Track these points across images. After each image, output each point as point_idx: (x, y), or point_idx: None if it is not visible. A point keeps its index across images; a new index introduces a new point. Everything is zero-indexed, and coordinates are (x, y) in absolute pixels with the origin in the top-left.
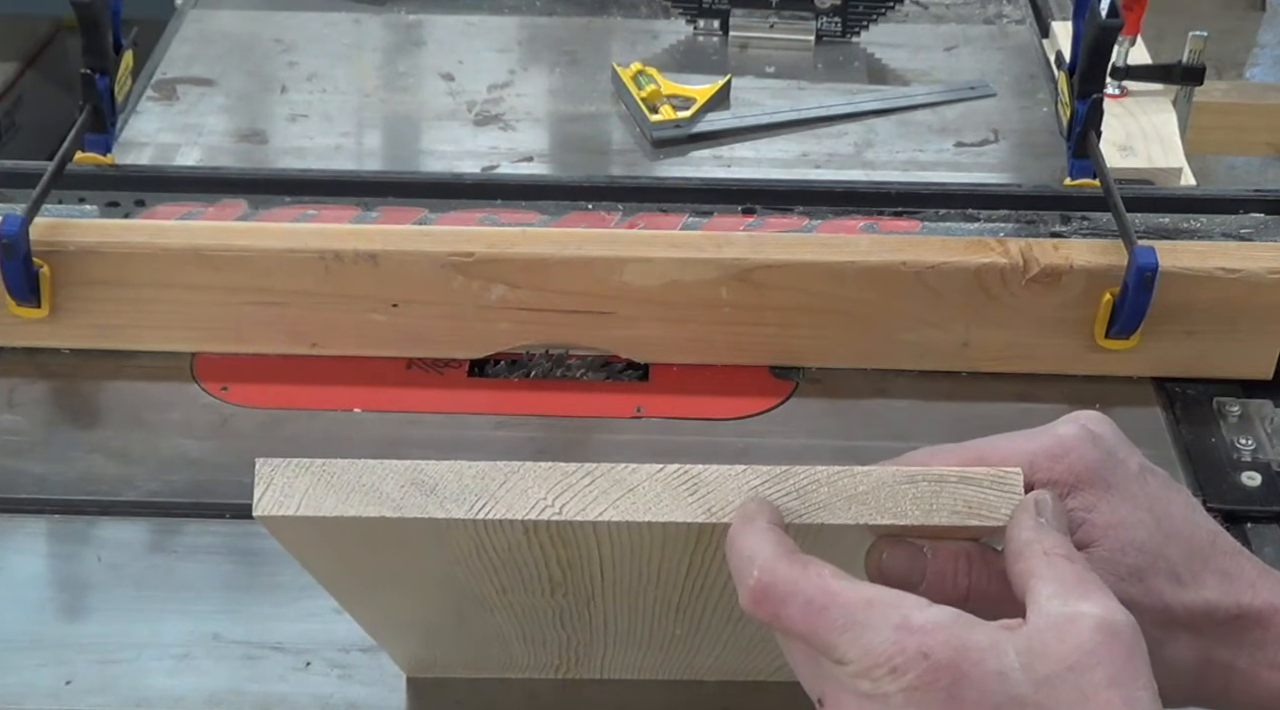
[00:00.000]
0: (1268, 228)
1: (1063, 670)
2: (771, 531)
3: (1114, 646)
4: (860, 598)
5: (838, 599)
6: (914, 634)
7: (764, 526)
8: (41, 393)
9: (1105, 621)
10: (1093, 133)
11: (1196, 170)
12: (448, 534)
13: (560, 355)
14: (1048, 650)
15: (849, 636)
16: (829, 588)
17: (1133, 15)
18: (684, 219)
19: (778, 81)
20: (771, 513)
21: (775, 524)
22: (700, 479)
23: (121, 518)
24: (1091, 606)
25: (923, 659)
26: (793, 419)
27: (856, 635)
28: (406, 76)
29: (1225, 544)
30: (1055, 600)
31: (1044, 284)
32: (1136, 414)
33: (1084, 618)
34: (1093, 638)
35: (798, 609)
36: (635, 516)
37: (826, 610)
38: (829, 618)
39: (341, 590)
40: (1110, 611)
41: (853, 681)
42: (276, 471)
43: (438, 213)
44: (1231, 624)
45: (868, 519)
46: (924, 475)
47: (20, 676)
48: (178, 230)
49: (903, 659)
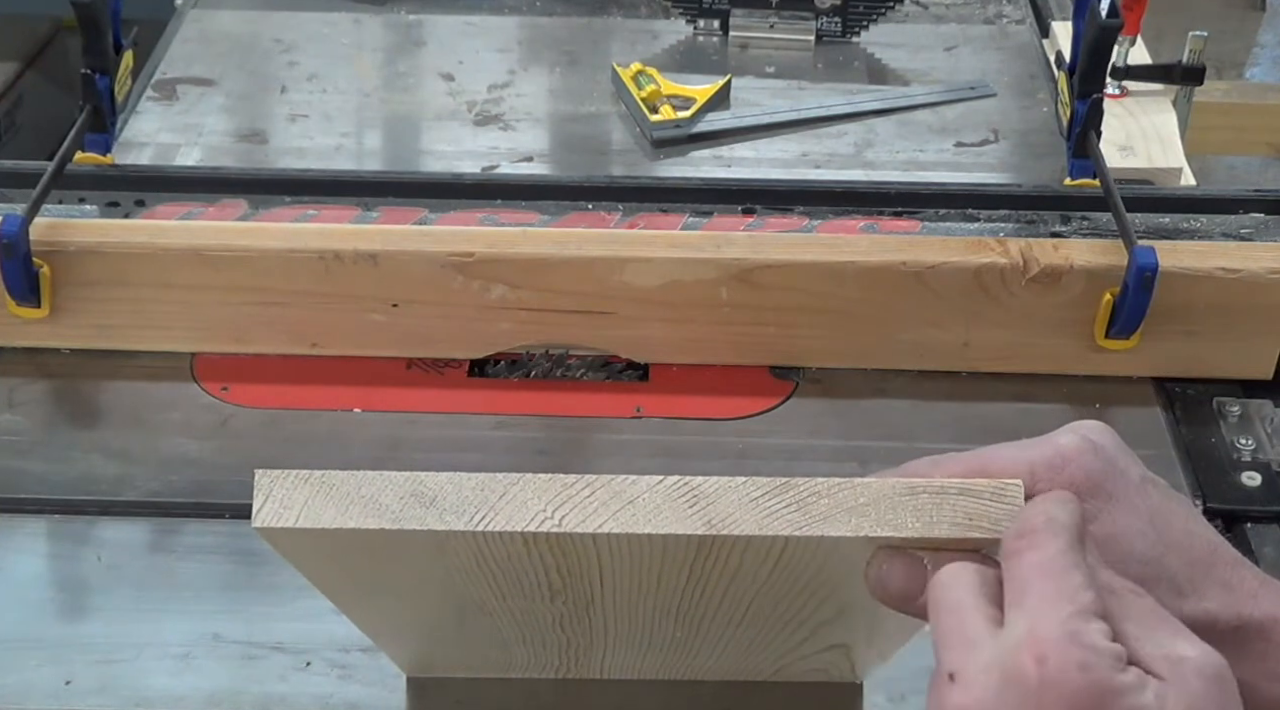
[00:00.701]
0: (1268, 228)
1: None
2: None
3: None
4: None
5: None
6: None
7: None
8: (41, 393)
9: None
10: (1093, 133)
11: (1196, 170)
12: (447, 544)
13: (560, 355)
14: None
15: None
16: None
17: (1133, 15)
18: (684, 219)
19: (778, 81)
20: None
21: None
22: (700, 491)
23: (121, 518)
24: (1190, 649)
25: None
26: (793, 419)
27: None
28: (406, 76)
29: (1226, 554)
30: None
31: (1044, 284)
32: (1136, 414)
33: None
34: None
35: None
36: (635, 528)
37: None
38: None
39: (340, 596)
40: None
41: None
42: (275, 483)
43: (438, 213)
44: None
45: (868, 531)
46: (924, 487)
47: (20, 676)
48: (178, 230)
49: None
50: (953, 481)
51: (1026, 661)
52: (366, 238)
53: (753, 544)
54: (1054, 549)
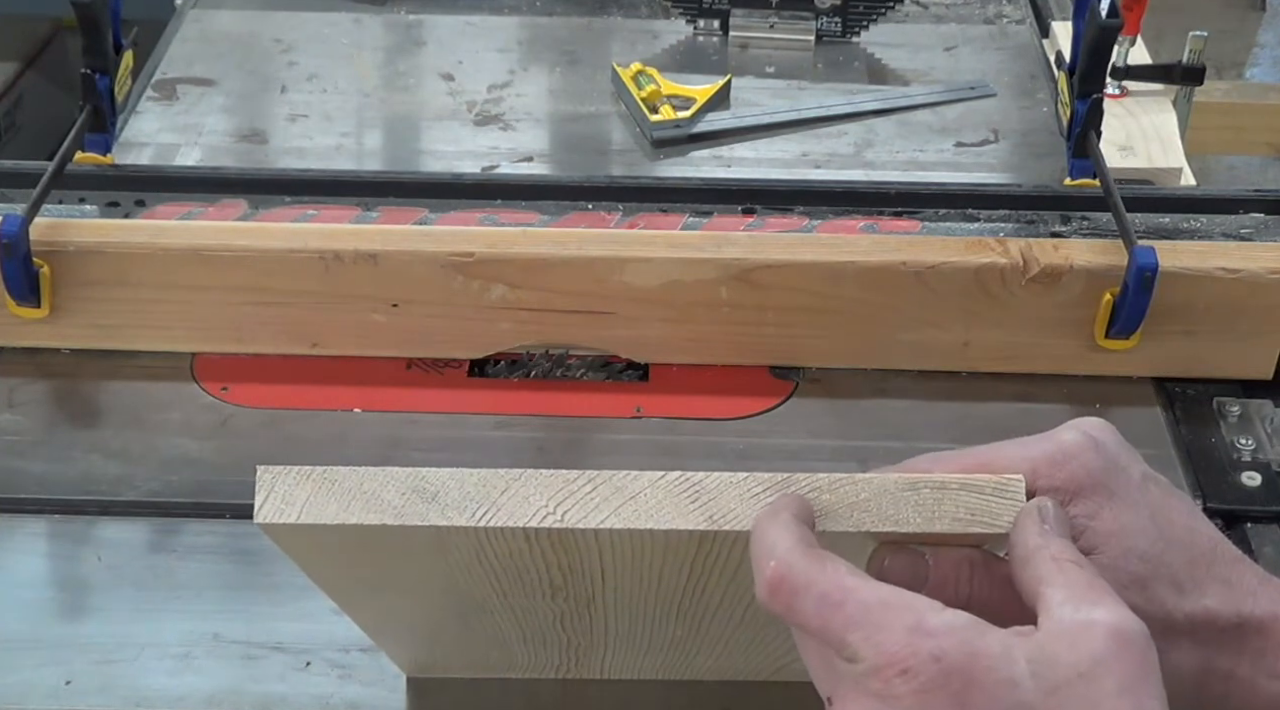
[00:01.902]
0: (1268, 228)
1: (1073, 678)
2: (794, 525)
3: (1126, 655)
4: (876, 597)
5: (853, 596)
6: (928, 637)
7: (787, 518)
8: (41, 393)
9: (1118, 629)
10: (1093, 133)
11: (1196, 170)
12: (449, 541)
13: (560, 355)
14: (1059, 658)
15: (862, 634)
16: (844, 584)
17: (1133, 15)
18: (684, 219)
19: (778, 81)
20: (799, 506)
21: (801, 519)
22: (702, 486)
23: (121, 518)
24: (1104, 614)
25: (934, 662)
26: (793, 419)
27: (869, 634)
28: (406, 76)
29: (1226, 551)
30: (1067, 606)
31: (1044, 284)
32: (1136, 414)
33: (1096, 625)
34: (1105, 645)
35: (812, 602)
36: (637, 524)
37: (842, 606)
38: (844, 614)
39: (342, 594)
40: (1123, 619)
41: (863, 681)
42: (278, 479)
43: (438, 213)
44: (1232, 632)
45: (870, 526)
46: (926, 482)
47: (20, 676)
48: (178, 230)
49: (915, 661)
50: (954, 477)
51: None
52: (366, 238)
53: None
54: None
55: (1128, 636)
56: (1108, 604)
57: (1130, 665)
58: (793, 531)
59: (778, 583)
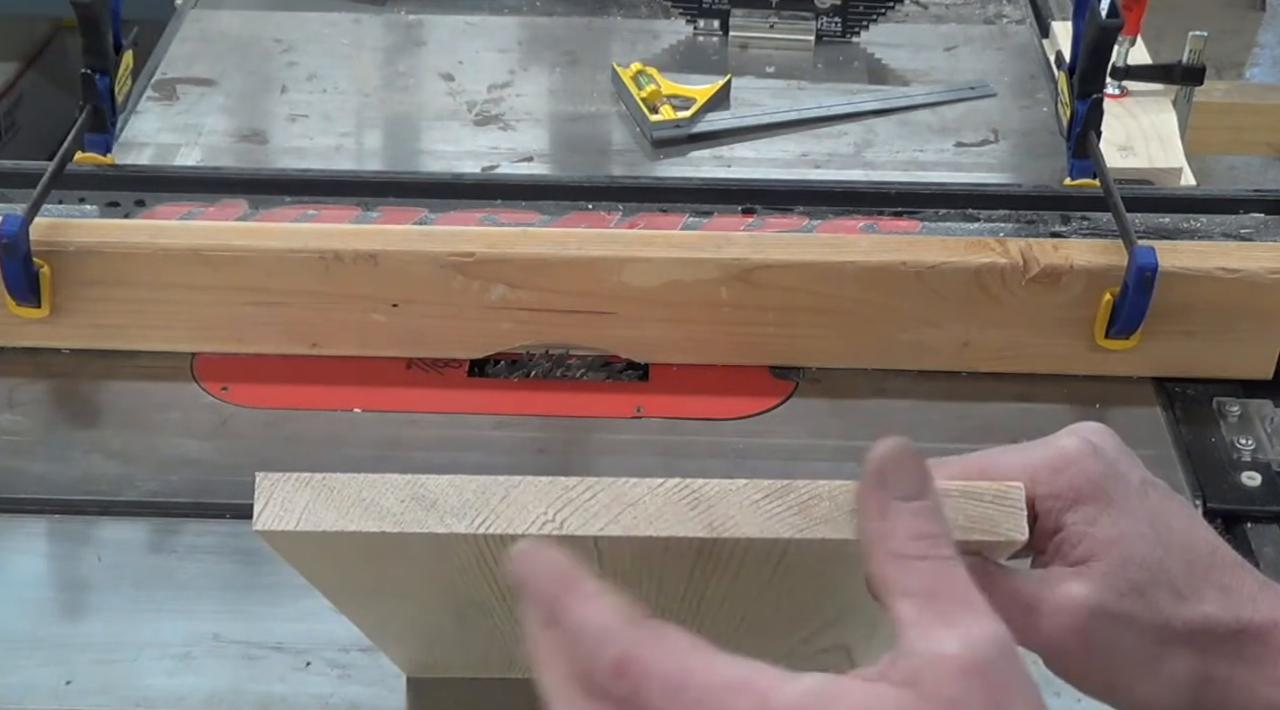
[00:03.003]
0: (1268, 228)
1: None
2: (606, 598)
3: (982, 688)
4: (718, 678)
5: (694, 678)
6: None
7: (594, 591)
8: (41, 393)
9: (965, 663)
10: (1093, 133)
11: (1196, 170)
12: (448, 547)
13: (560, 355)
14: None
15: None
16: (686, 665)
17: (1133, 15)
18: (684, 219)
19: (778, 81)
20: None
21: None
22: (701, 493)
23: (121, 518)
24: (953, 643)
25: None
26: (793, 419)
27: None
28: (406, 76)
29: (1226, 557)
30: (914, 631)
31: (1044, 284)
32: (1136, 414)
33: (946, 662)
34: (958, 687)
35: (657, 686)
36: (636, 531)
37: (684, 689)
38: (686, 698)
39: (341, 598)
40: (970, 644)
41: None
42: (276, 486)
43: (438, 213)
44: (1231, 639)
45: None
46: None
47: (20, 676)
48: (178, 230)
49: None
50: (953, 484)
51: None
52: (366, 238)
53: (754, 546)
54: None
55: (978, 666)
56: (957, 621)
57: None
58: (612, 606)
59: (625, 667)
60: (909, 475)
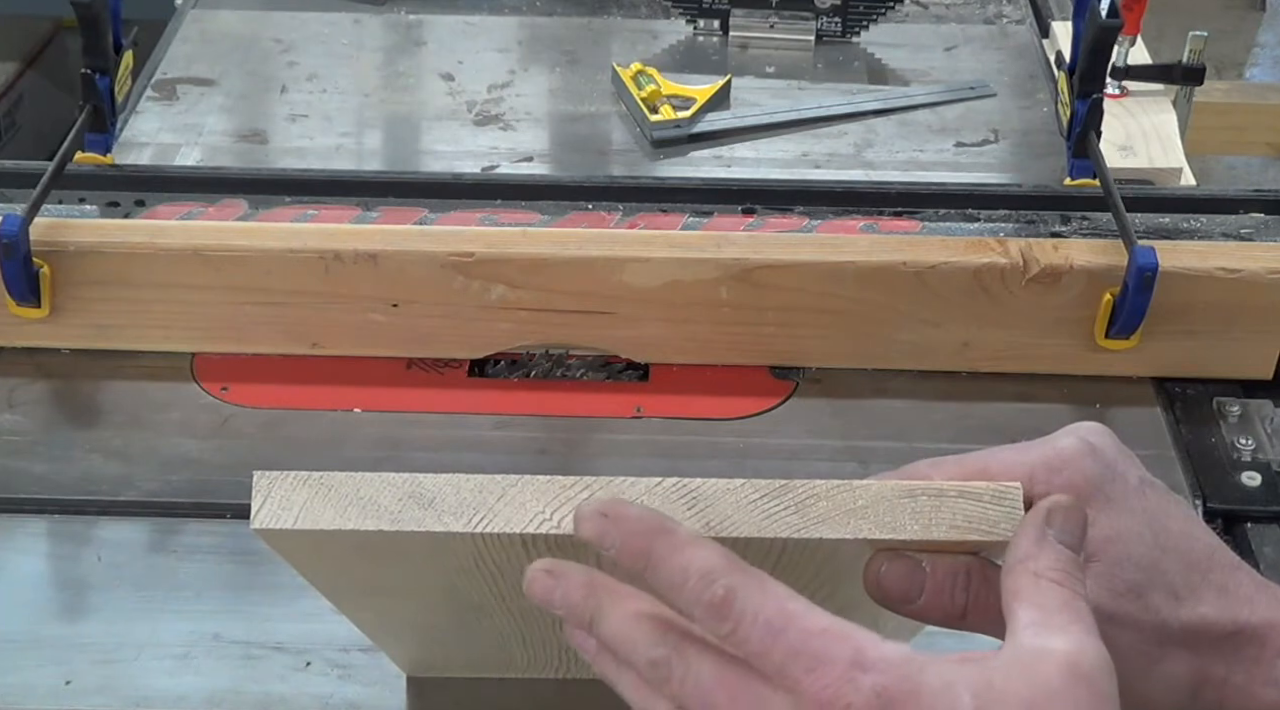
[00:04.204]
0: (1268, 228)
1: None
2: (706, 543)
3: (1077, 689)
4: (816, 625)
5: (794, 622)
6: (868, 671)
7: (691, 537)
8: (41, 393)
9: (1072, 661)
10: (1093, 133)
11: (1196, 170)
12: (446, 546)
13: (560, 355)
14: (1008, 690)
15: (802, 664)
16: (786, 609)
17: (1133, 15)
18: (684, 219)
19: (778, 81)
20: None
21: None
22: (699, 493)
23: (121, 518)
24: (1063, 642)
25: (875, 697)
26: (793, 419)
27: (810, 664)
28: (406, 76)
29: (1223, 558)
30: (1029, 630)
31: (1044, 284)
32: (1136, 414)
33: (1052, 655)
34: (1058, 679)
35: (758, 627)
36: None
37: (784, 632)
38: (786, 640)
39: (339, 597)
40: (1081, 650)
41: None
42: (274, 484)
43: (438, 213)
44: (1228, 641)
45: (867, 533)
46: (923, 489)
47: (20, 676)
48: (178, 230)
49: (857, 696)
50: (952, 484)
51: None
52: (366, 238)
53: (751, 546)
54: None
55: (1082, 670)
56: (1072, 631)
57: (1080, 701)
58: (719, 549)
59: (727, 606)
60: (1073, 527)
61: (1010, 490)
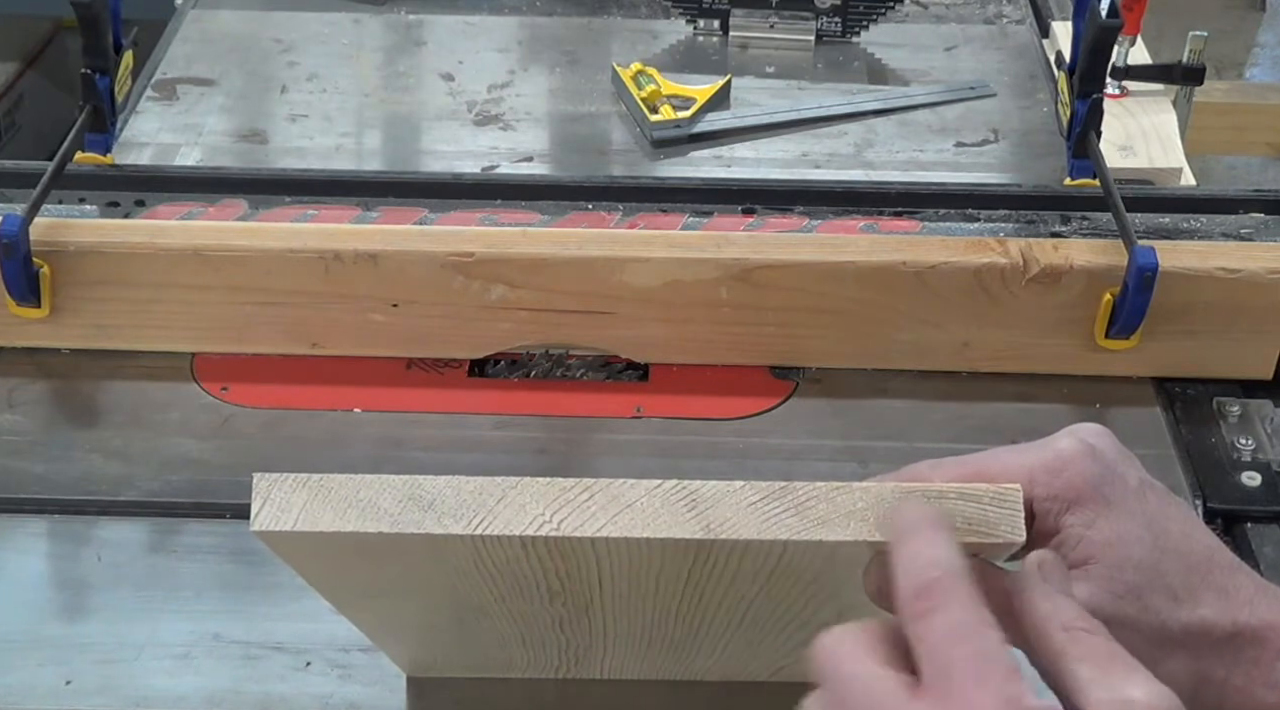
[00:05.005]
0: (1268, 228)
1: None
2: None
3: None
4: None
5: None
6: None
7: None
8: (41, 393)
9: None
10: (1093, 133)
11: (1196, 170)
12: (445, 548)
13: (560, 355)
14: None
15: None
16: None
17: (1133, 15)
18: (684, 219)
19: (778, 81)
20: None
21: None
22: (699, 495)
23: (121, 518)
24: (1140, 692)
25: None
26: (793, 419)
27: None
28: (406, 76)
29: (1223, 560)
30: (1098, 686)
31: (1044, 284)
32: (1136, 414)
33: (1135, 705)
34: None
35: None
36: (633, 532)
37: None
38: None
39: (339, 598)
40: (1159, 694)
41: None
42: (274, 486)
43: (438, 213)
44: (1228, 642)
45: (866, 535)
46: (923, 491)
47: (20, 676)
48: (178, 230)
49: None
50: (951, 486)
51: None
52: (366, 238)
53: (751, 548)
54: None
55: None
56: (1137, 680)
57: None
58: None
59: (930, 591)
60: (1063, 576)
61: (1010, 492)
